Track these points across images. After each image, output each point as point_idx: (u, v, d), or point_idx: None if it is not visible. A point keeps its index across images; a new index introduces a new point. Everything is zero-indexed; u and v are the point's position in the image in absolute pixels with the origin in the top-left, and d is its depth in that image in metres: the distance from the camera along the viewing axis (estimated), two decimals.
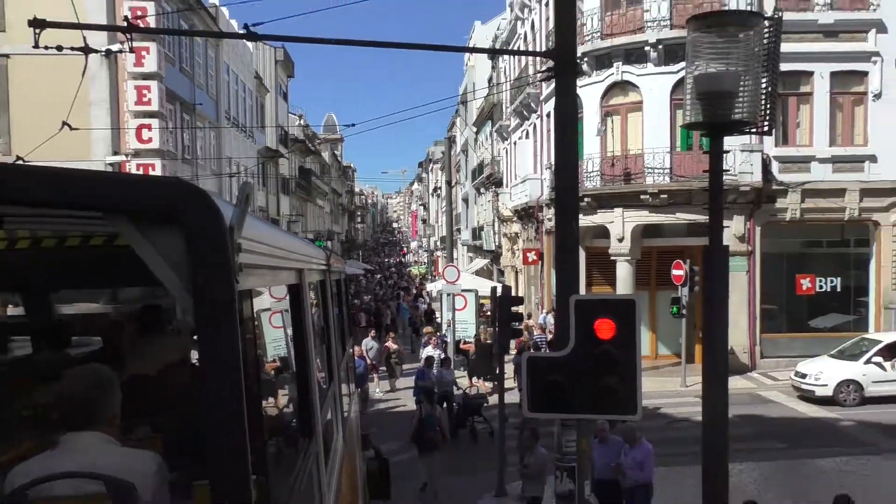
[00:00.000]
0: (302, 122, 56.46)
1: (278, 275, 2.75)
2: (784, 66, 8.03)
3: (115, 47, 20.16)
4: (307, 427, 3.13)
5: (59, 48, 10.63)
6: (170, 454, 2.72)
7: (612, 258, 24.37)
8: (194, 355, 4.94)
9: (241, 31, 10.17)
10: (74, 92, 14.13)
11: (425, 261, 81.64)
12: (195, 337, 1.73)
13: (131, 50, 21.23)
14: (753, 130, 5.85)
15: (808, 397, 20.12)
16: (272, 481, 2.29)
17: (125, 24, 13.88)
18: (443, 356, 20.14)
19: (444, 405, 17.73)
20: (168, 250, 1.66)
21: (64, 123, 13.32)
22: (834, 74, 23.95)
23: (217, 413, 1.65)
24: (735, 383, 19.48)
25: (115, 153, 22.35)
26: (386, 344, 24.24)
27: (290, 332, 3.49)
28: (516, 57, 36.37)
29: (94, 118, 21.63)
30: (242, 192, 1.83)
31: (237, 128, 35.14)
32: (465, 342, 24.65)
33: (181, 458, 2.77)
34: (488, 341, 19.93)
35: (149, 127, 22.50)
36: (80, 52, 10.95)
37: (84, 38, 11.41)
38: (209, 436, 1.66)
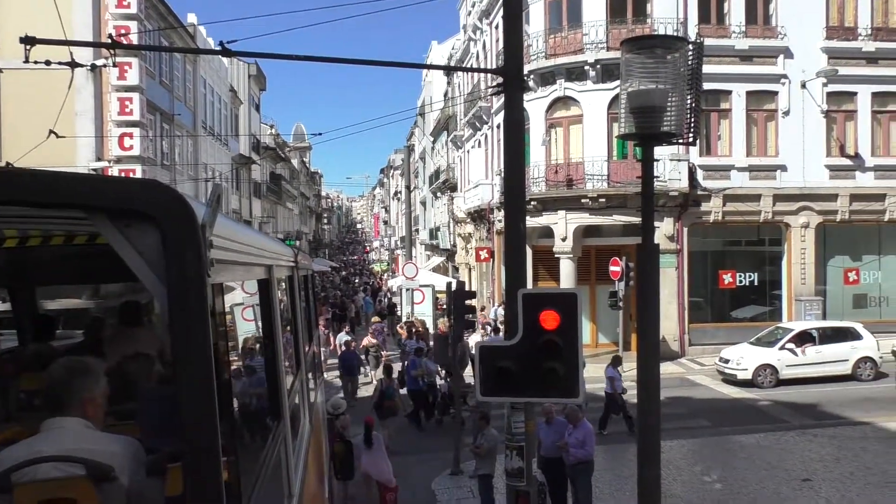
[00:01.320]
0: (273, 131, 55.84)
1: (248, 270, 2.69)
2: (706, 86, 8.17)
3: (99, 62, 19.81)
4: (276, 410, 3.09)
5: (48, 63, 10.44)
6: (146, 439, 2.66)
7: (556, 256, 24.53)
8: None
9: (217, 48, 10.00)
10: (61, 103, 13.84)
11: (386, 259, 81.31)
12: (169, 329, 1.68)
13: (115, 65, 20.92)
14: (679, 141, 5.93)
15: (730, 380, 20.46)
16: (242, 461, 2.25)
17: (109, 41, 13.62)
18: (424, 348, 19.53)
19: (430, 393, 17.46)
20: (144, 247, 1.63)
21: (51, 132, 13.01)
22: (749, 93, 24.52)
23: (189, 399, 1.62)
24: (666, 368, 19.79)
25: (99, 159, 21.92)
26: (366, 339, 22.85)
27: (259, 323, 3.44)
28: (469, 73, 36.43)
29: (79, 127, 21.17)
30: (214, 193, 1.80)
31: (213, 136, 34.64)
32: (400, 326, 24.40)
33: (158, 442, 2.72)
34: (440, 330, 19.77)
35: (130, 135, 22.13)
36: (67, 67, 10.73)
37: (71, 53, 11.19)
38: (182, 421, 1.62)
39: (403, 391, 17.19)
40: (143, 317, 5.20)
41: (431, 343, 21.06)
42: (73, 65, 10.77)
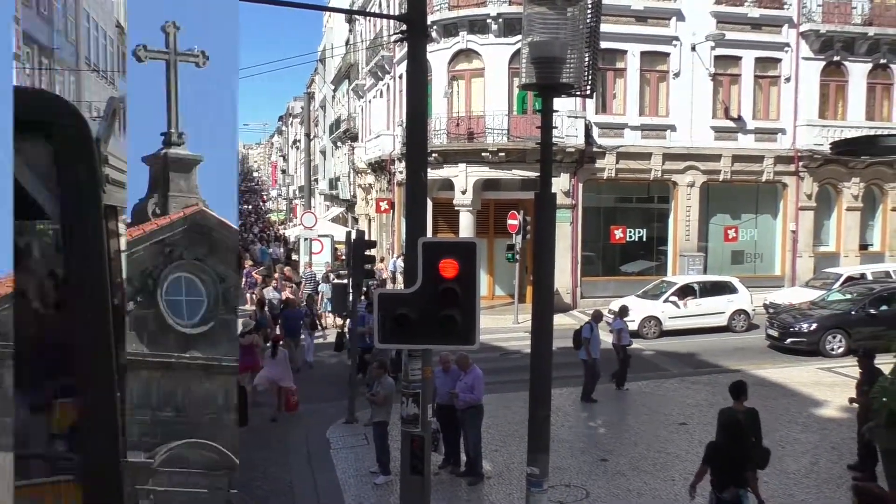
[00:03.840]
0: None
1: None
2: (603, 44, 8.36)
3: None
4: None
5: None
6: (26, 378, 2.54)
7: (455, 208, 24.73)
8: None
9: None
10: None
11: (284, 209, 79.76)
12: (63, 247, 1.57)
13: None
14: (578, 93, 6.08)
15: None
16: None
17: None
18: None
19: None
20: (35, 159, 1.52)
21: None
22: (643, 54, 25.22)
23: (86, 319, 1.54)
24: (559, 320, 19.97)
25: None
26: (286, 295, 20.58)
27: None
28: (372, 21, 35.71)
29: None
30: (109, 107, 1.70)
31: (97, 74, 32.66)
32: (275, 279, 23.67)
33: (42, 379, 2.60)
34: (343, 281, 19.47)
35: None
36: None
37: None
38: (78, 347, 1.54)
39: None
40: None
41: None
42: None
